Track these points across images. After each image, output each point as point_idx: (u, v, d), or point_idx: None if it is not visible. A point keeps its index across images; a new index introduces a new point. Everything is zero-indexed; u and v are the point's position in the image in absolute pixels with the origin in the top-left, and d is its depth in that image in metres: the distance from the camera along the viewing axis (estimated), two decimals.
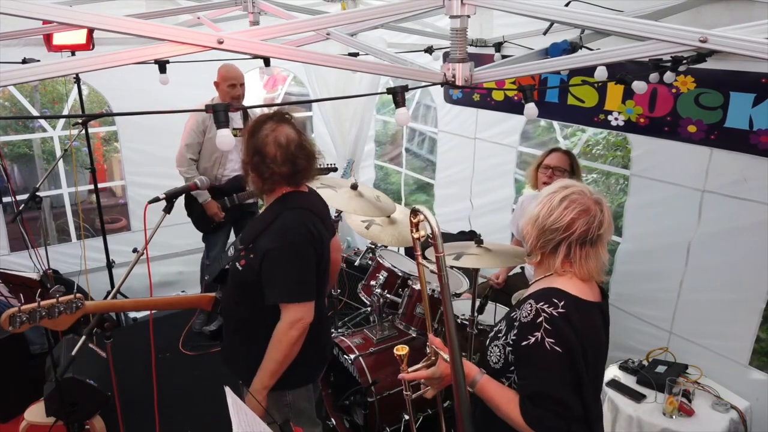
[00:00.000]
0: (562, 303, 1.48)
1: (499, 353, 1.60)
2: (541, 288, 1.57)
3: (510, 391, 1.55)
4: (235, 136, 3.93)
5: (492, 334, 1.69)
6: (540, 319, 1.47)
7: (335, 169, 4.42)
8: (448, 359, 1.51)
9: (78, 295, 1.97)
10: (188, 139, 3.92)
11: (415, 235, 1.42)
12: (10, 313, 1.84)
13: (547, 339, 1.45)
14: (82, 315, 2.01)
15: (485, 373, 1.60)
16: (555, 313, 1.46)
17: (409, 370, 1.64)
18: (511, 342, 1.55)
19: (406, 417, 2.99)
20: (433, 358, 1.65)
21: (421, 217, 1.39)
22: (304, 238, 2.04)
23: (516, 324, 1.54)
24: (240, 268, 2.09)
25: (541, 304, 1.49)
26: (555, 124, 4.68)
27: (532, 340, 1.47)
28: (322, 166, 3.88)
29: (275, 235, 2.03)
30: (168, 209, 2.31)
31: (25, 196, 3.44)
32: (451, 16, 1.54)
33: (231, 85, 3.76)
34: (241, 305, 2.17)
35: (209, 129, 3.95)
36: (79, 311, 1.98)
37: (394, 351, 1.62)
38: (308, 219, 2.09)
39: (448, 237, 4.28)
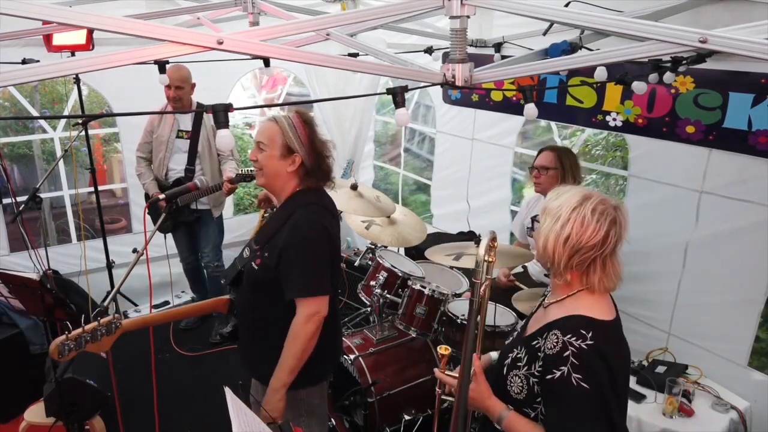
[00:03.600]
0: (590, 334, 1.40)
1: (521, 383, 1.52)
2: (566, 316, 1.48)
3: (538, 428, 1.48)
4: (180, 137, 3.97)
5: (509, 361, 1.59)
6: (567, 353, 1.40)
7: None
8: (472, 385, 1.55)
9: (116, 315, 1.99)
10: (141, 139, 4.09)
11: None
12: (58, 343, 1.85)
13: (573, 374, 1.38)
14: (120, 334, 2.03)
15: (512, 409, 1.53)
16: (584, 346, 1.39)
17: (447, 372, 1.65)
18: (536, 374, 1.48)
19: (407, 417, 3.00)
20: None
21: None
22: (318, 233, 2.07)
23: (540, 355, 1.48)
24: (256, 268, 2.10)
25: (569, 336, 1.41)
26: (553, 124, 4.68)
27: (557, 374, 1.40)
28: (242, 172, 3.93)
29: (291, 232, 2.04)
30: (168, 210, 2.31)
31: (25, 197, 3.44)
32: (451, 17, 1.54)
33: (167, 86, 3.73)
34: (256, 305, 2.17)
35: (155, 129, 4.03)
36: (118, 331, 2.01)
37: (437, 349, 1.70)
38: (321, 215, 2.11)
39: (447, 237, 4.28)
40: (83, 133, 3.91)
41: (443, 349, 1.65)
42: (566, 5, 2.29)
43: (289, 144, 2.06)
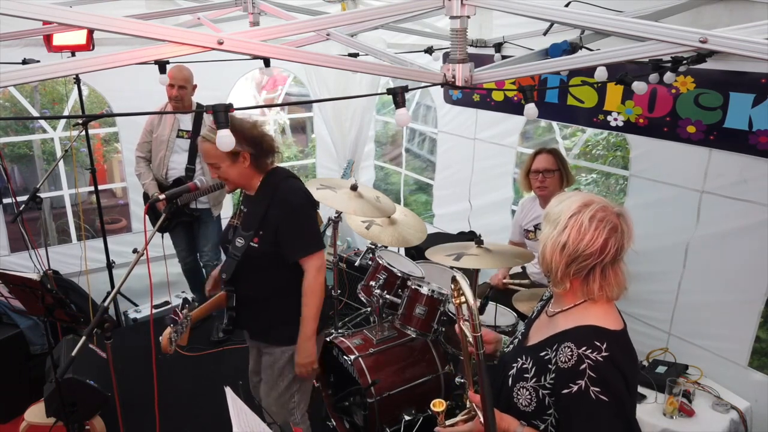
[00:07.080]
0: (604, 345, 1.38)
1: (530, 396, 1.49)
2: (577, 326, 1.45)
3: None
4: (181, 137, 3.98)
5: (513, 372, 1.56)
6: (583, 366, 1.36)
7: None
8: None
9: (185, 312, 2.23)
10: (140, 138, 4.10)
11: (456, 301, 1.37)
12: (168, 336, 2.12)
13: (592, 388, 1.35)
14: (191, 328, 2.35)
15: (525, 425, 1.50)
16: (599, 358, 1.36)
17: (447, 423, 1.56)
18: (548, 386, 1.45)
19: (406, 417, 3.00)
20: (473, 413, 1.55)
21: (458, 286, 1.35)
22: (305, 199, 2.39)
23: (552, 367, 1.44)
24: (256, 246, 2.32)
25: (583, 349, 1.38)
26: (554, 124, 4.68)
27: (575, 388, 1.37)
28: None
29: (282, 204, 2.30)
30: (168, 210, 2.31)
31: (25, 197, 3.44)
32: (451, 17, 1.54)
33: (170, 85, 3.80)
34: (260, 282, 2.39)
35: (155, 129, 4.04)
36: (189, 325, 2.28)
37: (431, 407, 1.56)
38: (300, 183, 2.44)
39: (447, 237, 4.28)
40: (83, 133, 3.91)
41: (437, 405, 1.55)
42: (566, 5, 2.29)
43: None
